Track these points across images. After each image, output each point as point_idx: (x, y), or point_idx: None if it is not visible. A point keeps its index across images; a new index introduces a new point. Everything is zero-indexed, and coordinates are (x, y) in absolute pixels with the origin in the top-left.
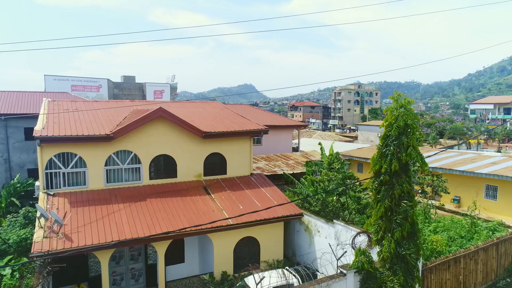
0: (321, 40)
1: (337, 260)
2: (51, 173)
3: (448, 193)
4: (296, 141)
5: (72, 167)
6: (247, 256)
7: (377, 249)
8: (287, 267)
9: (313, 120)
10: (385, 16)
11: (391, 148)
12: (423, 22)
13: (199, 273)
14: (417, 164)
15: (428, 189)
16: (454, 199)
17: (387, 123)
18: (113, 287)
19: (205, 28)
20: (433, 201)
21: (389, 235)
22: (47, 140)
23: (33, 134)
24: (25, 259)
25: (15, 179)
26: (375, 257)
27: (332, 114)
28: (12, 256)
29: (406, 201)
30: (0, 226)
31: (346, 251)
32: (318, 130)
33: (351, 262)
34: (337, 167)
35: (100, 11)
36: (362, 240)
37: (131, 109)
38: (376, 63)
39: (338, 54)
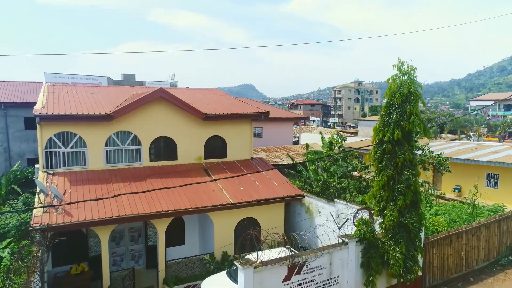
0: (321, 40)
1: (339, 229)
2: (50, 152)
3: (450, 171)
4: (296, 134)
5: (72, 147)
6: (248, 237)
7: (379, 220)
8: (288, 246)
9: (313, 118)
10: (386, 17)
11: (394, 116)
12: (422, 22)
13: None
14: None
15: (430, 167)
16: (455, 188)
17: (390, 91)
18: (113, 268)
19: (206, 29)
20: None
21: (392, 204)
22: (46, 118)
23: (33, 112)
24: (25, 242)
25: (15, 166)
26: (377, 231)
27: (332, 112)
28: (11, 239)
29: (408, 169)
30: None
31: (348, 219)
32: (319, 127)
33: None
34: (338, 146)
35: (100, 11)
36: (364, 215)
37: (132, 94)
38: (376, 62)
39: (338, 54)
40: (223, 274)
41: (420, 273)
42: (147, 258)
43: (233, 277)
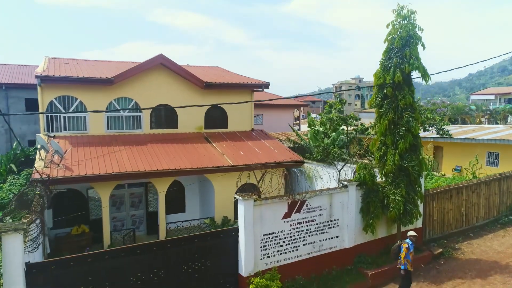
0: (321, 40)
1: (339, 172)
2: (51, 116)
3: (450, 135)
4: (297, 125)
5: (72, 111)
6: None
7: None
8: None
9: (313, 115)
10: (386, 15)
11: (394, 60)
12: (422, 21)
13: (200, 222)
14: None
15: (431, 129)
16: (455, 169)
17: (390, 37)
18: (113, 233)
19: (206, 29)
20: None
21: (393, 148)
22: (47, 80)
23: (34, 75)
24: (24, 214)
25: (14, 145)
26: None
27: None
28: (12, 208)
29: (408, 112)
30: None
31: (348, 160)
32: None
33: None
34: (338, 108)
35: (100, 10)
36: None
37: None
38: (377, 62)
39: (339, 54)
40: None
41: (420, 219)
42: (148, 224)
43: None
